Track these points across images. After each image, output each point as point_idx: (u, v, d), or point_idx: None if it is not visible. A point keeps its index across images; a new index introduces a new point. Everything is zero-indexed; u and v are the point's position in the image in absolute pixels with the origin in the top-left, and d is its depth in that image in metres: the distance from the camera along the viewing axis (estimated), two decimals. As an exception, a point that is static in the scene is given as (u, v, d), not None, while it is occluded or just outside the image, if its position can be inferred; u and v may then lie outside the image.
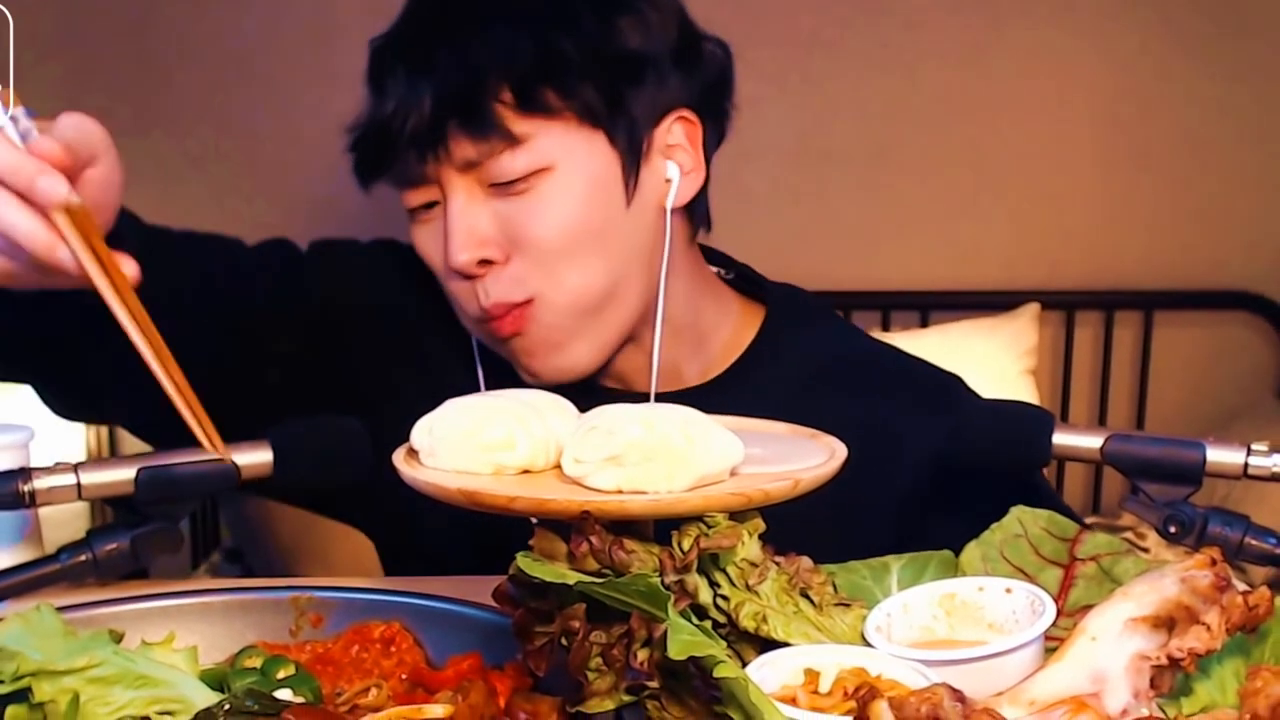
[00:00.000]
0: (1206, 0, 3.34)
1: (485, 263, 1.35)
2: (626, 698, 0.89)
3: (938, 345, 3.19)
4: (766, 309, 1.55)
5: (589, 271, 1.36)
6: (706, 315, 1.51)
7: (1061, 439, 1.13)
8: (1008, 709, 0.84)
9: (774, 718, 0.81)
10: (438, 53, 1.34)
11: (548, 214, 1.34)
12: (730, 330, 1.52)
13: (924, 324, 3.39)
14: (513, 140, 1.32)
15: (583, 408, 1.09)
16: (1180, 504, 1.08)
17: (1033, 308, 3.33)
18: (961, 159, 3.39)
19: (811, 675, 0.91)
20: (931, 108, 3.36)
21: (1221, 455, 1.08)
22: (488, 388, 1.46)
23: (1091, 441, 1.12)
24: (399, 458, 1.06)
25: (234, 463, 1.04)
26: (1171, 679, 0.89)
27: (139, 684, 0.94)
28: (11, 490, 1.00)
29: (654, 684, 0.87)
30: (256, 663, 1.01)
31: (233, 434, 1.06)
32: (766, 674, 0.90)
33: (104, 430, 3.18)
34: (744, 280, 1.59)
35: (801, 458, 1.09)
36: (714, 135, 1.46)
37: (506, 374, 1.43)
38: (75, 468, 1.01)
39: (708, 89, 1.44)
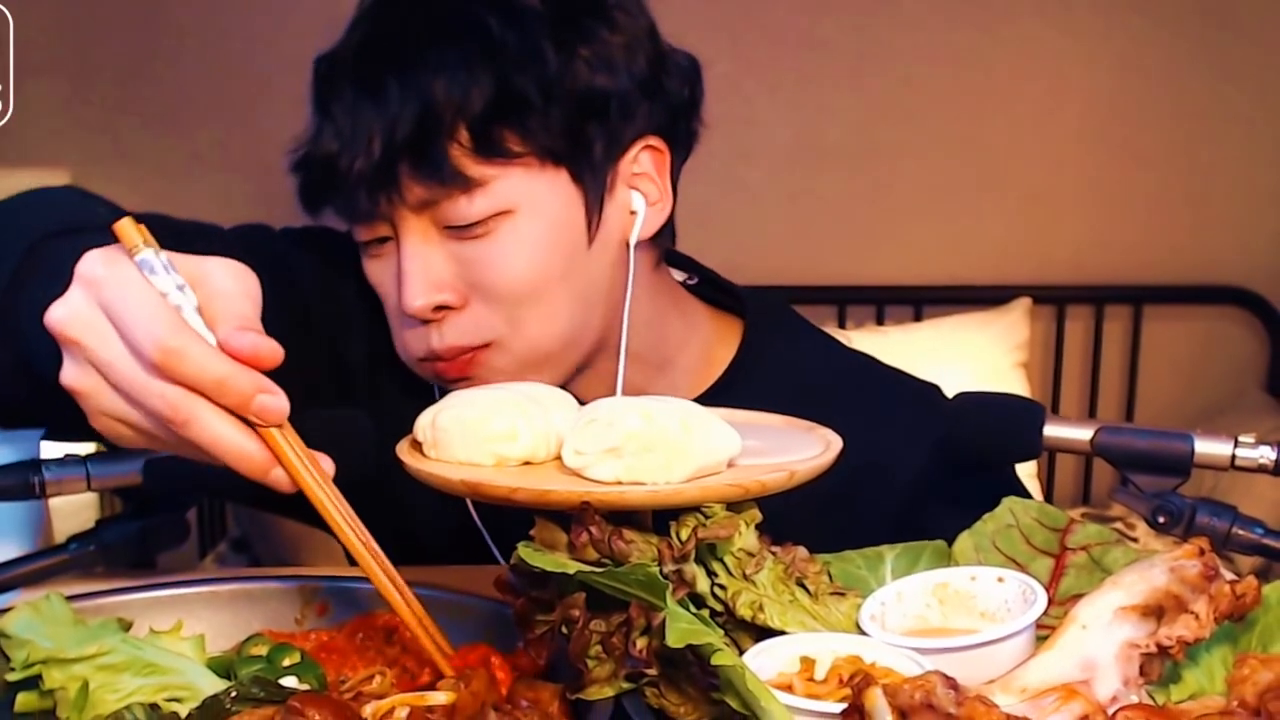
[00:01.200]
0: (1197, 1, 3.36)
1: (441, 308, 1.27)
2: (626, 685, 0.90)
3: (931, 339, 3.21)
4: (744, 321, 1.48)
5: (550, 318, 1.29)
6: (672, 335, 1.44)
7: (1052, 431, 1.14)
8: (1000, 696, 0.85)
9: (770, 705, 0.82)
10: (388, 81, 1.23)
11: (508, 259, 1.26)
12: (700, 346, 1.46)
13: (918, 318, 3.41)
14: (469, 185, 1.23)
15: None
16: (1169, 495, 1.08)
17: (1024, 302, 3.34)
18: (955, 157, 3.40)
19: (807, 663, 0.92)
20: (925, 107, 3.38)
21: (1209, 447, 1.09)
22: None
23: (1082, 433, 1.13)
24: (403, 449, 1.07)
25: None
26: (1160, 667, 0.90)
27: (147, 671, 0.95)
28: (22, 481, 1.00)
29: (652, 671, 0.88)
30: (262, 651, 1.02)
31: None
32: (763, 662, 0.91)
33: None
34: (710, 286, 1.53)
35: (797, 449, 1.10)
36: (681, 158, 1.38)
37: None
38: (84, 460, 1.02)
39: (676, 113, 1.35)
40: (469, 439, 1.03)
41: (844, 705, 0.82)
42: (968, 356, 3.16)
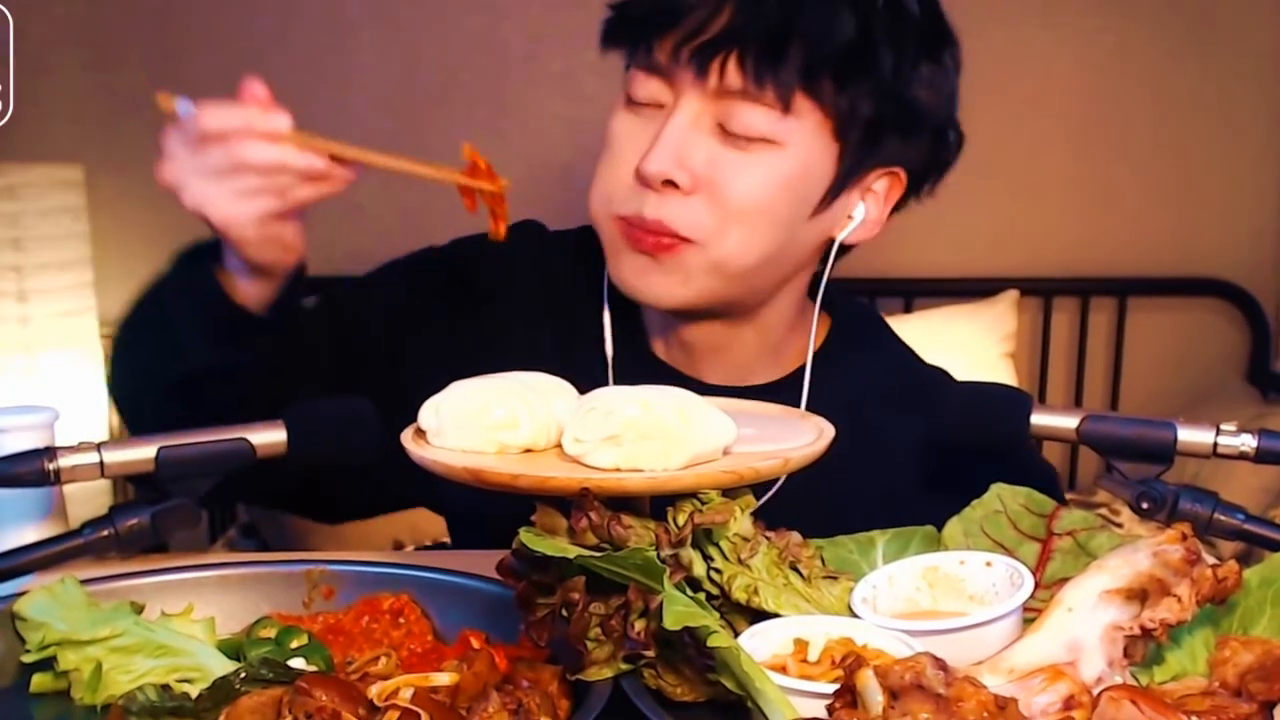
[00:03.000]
0: (1180, 2, 3.38)
1: (670, 184, 1.31)
2: (624, 666, 0.92)
3: (921, 330, 3.21)
4: (831, 320, 1.53)
5: (751, 242, 1.33)
6: (789, 324, 1.49)
7: (1039, 419, 1.15)
8: (988, 677, 0.87)
9: (765, 685, 0.84)
10: None
11: (755, 178, 1.31)
12: (802, 339, 1.50)
13: (908, 310, 3.42)
14: (782, 103, 1.28)
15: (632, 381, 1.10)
16: (1153, 481, 1.09)
17: (1012, 294, 3.36)
18: (945, 152, 3.41)
19: (801, 645, 0.94)
20: (915, 102, 3.39)
21: (1192, 435, 1.10)
22: (615, 369, 1.46)
23: (1068, 422, 1.14)
24: (407, 437, 1.08)
25: (249, 440, 1.06)
26: (1144, 648, 0.92)
27: (159, 653, 0.97)
28: (37, 468, 1.01)
29: (650, 653, 0.90)
30: (271, 633, 1.03)
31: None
32: (757, 644, 0.93)
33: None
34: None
35: (791, 437, 1.12)
36: (904, 202, 1.46)
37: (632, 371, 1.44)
38: (98, 446, 1.02)
39: (931, 164, 1.44)
40: (472, 427, 1.05)
41: (836, 686, 0.84)
42: (956, 347, 3.17)
